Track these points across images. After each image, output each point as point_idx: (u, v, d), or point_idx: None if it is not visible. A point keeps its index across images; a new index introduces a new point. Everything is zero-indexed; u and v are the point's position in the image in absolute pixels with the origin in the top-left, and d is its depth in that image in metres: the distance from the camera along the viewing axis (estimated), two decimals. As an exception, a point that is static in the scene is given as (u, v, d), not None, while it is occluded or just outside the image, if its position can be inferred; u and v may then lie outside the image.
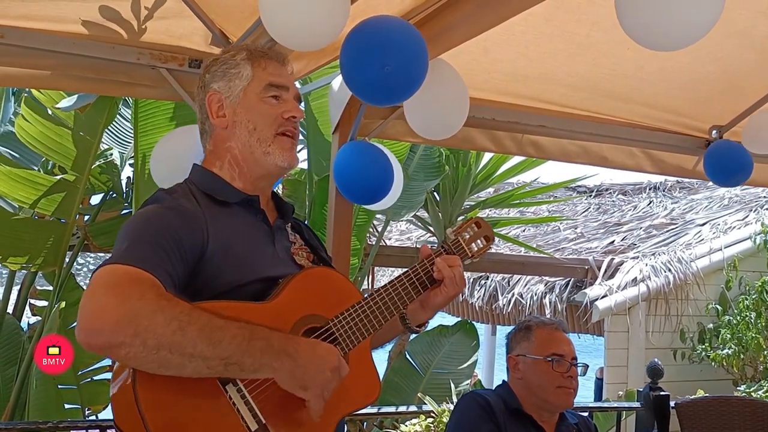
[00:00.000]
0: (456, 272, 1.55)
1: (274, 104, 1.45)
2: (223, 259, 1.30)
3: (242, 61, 1.46)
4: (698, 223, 7.60)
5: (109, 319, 1.05)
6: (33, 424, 3.39)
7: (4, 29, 2.20)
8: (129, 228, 1.26)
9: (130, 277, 1.12)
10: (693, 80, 2.93)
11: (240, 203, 1.42)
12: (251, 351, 1.15)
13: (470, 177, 5.70)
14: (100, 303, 1.07)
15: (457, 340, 5.79)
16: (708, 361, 6.23)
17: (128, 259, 1.15)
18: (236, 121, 1.44)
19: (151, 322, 1.07)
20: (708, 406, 3.75)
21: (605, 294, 6.32)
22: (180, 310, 1.10)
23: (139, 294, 1.09)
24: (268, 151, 1.43)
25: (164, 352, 1.07)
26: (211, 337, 1.11)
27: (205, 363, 1.11)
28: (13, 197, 4.10)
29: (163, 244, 1.21)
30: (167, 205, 1.32)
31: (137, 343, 1.05)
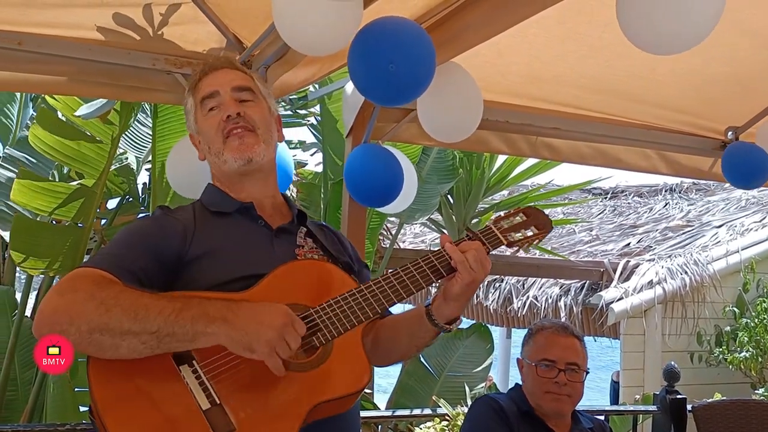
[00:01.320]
0: (469, 256, 1.40)
1: (214, 114, 1.50)
2: (206, 262, 1.35)
3: (187, 95, 1.55)
4: (715, 225, 7.54)
5: (48, 311, 1.17)
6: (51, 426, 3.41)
7: (21, 36, 2.23)
8: (115, 238, 1.38)
9: (76, 275, 1.23)
10: (708, 81, 2.91)
11: (238, 211, 1.48)
12: (181, 321, 1.17)
13: (484, 180, 5.69)
14: (45, 300, 1.19)
15: (472, 343, 5.77)
16: (725, 364, 6.17)
17: (89, 263, 1.28)
18: (203, 149, 1.54)
19: (83, 308, 1.16)
20: (725, 409, 3.72)
21: (621, 297, 6.28)
22: (107, 293, 1.18)
23: (75, 287, 1.20)
24: (224, 159, 1.48)
25: (96, 334, 1.15)
26: (137, 314, 1.16)
27: (138, 339, 1.16)
28: (32, 206, 4.15)
29: (132, 248, 1.32)
30: (149, 217, 1.45)
31: (73, 331, 1.15)
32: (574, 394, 2.11)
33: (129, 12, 2.24)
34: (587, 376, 2.16)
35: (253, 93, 1.53)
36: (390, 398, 5.40)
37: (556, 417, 2.13)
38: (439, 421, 4.05)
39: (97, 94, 3.04)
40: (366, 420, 4.00)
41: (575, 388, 2.10)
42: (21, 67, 2.33)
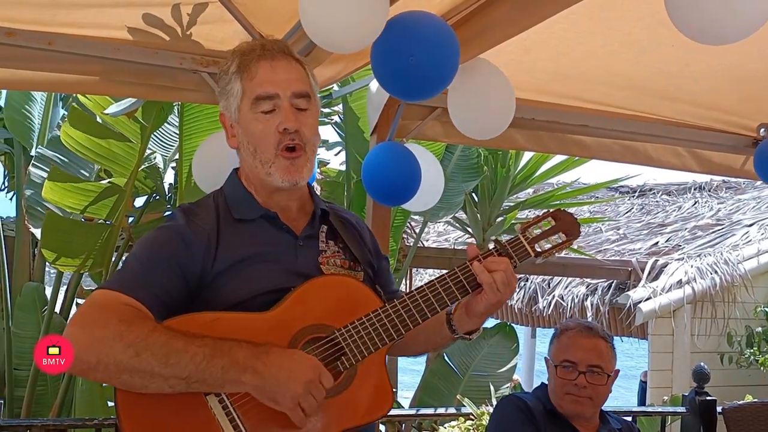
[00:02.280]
0: (497, 277, 1.38)
1: (268, 118, 1.36)
2: (230, 277, 1.32)
3: (233, 75, 1.39)
4: (746, 223, 7.41)
5: (76, 350, 1.15)
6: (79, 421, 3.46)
7: (52, 36, 2.26)
8: (133, 250, 1.32)
9: (103, 304, 1.20)
10: (740, 77, 2.85)
11: (262, 217, 1.41)
12: (211, 369, 1.17)
13: (509, 178, 5.65)
14: (70, 332, 1.17)
15: (496, 342, 5.74)
16: (756, 366, 6.07)
17: (115, 284, 1.23)
18: (240, 141, 1.41)
19: (111, 349, 1.14)
20: (756, 411, 3.65)
21: (649, 296, 6.20)
22: (136, 335, 1.15)
23: (103, 322, 1.16)
24: (269, 172, 1.38)
25: (126, 375, 1.15)
26: (168, 359, 1.15)
27: (167, 382, 1.17)
28: (64, 204, 4.21)
29: (158, 268, 1.27)
30: (174, 228, 1.34)
31: (101, 369, 1.15)
32: (596, 397, 2.08)
33: (157, 12, 2.26)
34: (618, 375, 2.13)
35: (309, 99, 1.41)
36: (414, 396, 5.39)
37: (578, 418, 2.11)
38: (464, 420, 4.03)
39: (125, 93, 3.07)
40: (390, 418, 4.00)
41: (597, 390, 2.07)
42: (52, 67, 2.36)
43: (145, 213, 4.83)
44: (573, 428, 2.10)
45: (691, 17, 1.73)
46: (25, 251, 5.09)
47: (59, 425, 3.19)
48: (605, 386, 2.09)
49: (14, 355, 4.62)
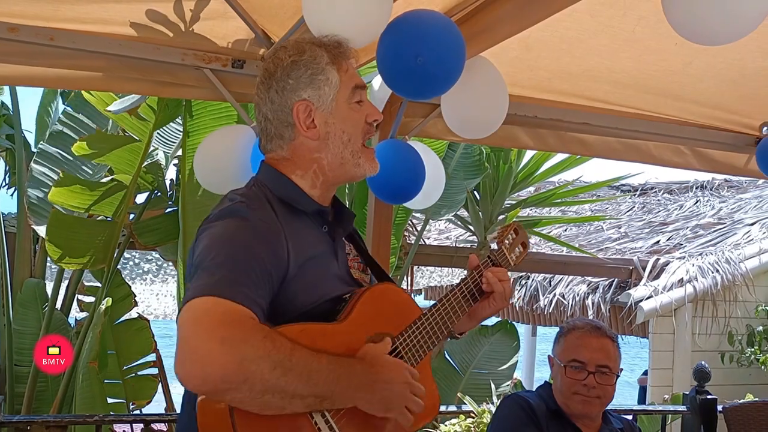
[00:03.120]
0: (506, 287, 1.57)
1: (359, 108, 1.40)
2: (300, 281, 1.27)
3: (327, 66, 1.38)
4: (747, 222, 7.40)
5: (219, 368, 1.04)
6: (80, 418, 3.47)
7: (53, 32, 2.26)
8: (217, 249, 1.20)
9: (230, 315, 1.09)
10: (743, 76, 2.84)
11: (313, 213, 1.39)
12: (340, 388, 1.17)
13: (511, 176, 5.64)
14: (206, 349, 1.05)
15: (497, 340, 5.74)
16: (757, 365, 6.07)
17: (225, 291, 1.12)
18: (329, 132, 1.37)
19: (258, 367, 1.06)
20: (757, 410, 3.65)
21: (650, 295, 6.20)
22: (283, 354, 1.10)
23: (243, 337, 1.07)
24: (358, 162, 1.40)
25: (268, 396, 1.09)
26: (309, 380, 1.13)
27: (303, 402, 1.13)
28: (70, 205, 4.22)
29: (255, 275, 1.18)
30: (251, 222, 1.25)
31: (245, 389, 1.06)
32: (604, 396, 2.07)
33: (160, 7, 2.25)
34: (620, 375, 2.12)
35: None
36: (415, 394, 5.38)
37: (584, 418, 2.11)
38: (465, 418, 4.03)
39: (127, 89, 3.07)
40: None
41: (605, 390, 2.06)
42: (53, 62, 2.36)
43: (146, 209, 4.83)
44: (576, 428, 2.09)
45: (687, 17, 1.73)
46: (26, 247, 5.09)
47: (60, 422, 3.18)
48: (612, 386, 2.09)
49: (15, 352, 4.63)
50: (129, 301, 4.74)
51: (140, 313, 4.97)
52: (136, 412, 4.61)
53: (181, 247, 4.31)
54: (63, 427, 3.17)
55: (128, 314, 4.74)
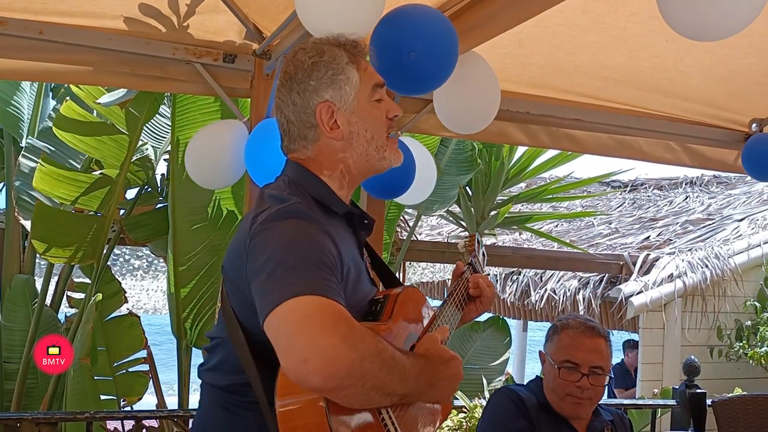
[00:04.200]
0: (492, 292, 1.69)
1: (380, 106, 1.41)
2: (347, 282, 1.28)
3: (347, 66, 1.38)
4: (736, 218, 7.45)
5: (346, 364, 1.06)
6: (70, 415, 3.45)
7: (42, 25, 2.24)
8: (294, 249, 1.18)
9: (342, 314, 1.11)
10: (733, 72, 2.86)
11: (344, 215, 1.40)
12: (419, 386, 1.21)
13: (503, 172, 5.65)
14: (333, 345, 1.06)
15: (489, 335, 5.76)
16: (746, 359, 6.11)
17: (320, 290, 1.12)
18: (352, 131, 1.38)
19: (372, 365, 1.09)
20: (745, 404, 3.68)
21: (640, 290, 6.22)
22: (389, 353, 1.14)
23: (361, 335, 1.10)
24: (384, 156, 1.41)
25: (373, 393, 1.11)
26: (403, 378, 1.16)
27: (392, 399, 1.17)
28: (55, 195, 4.18)
29: (335, 272, 1.19)
30: (315, 223, 1.25)
31: (359, 385, 1.08)
32: (595, 397, 2.07)
33: (153, 2, 2.24)
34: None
35: None
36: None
37: (576, 418, 2.11)
38: (457, 413, 4.04)
39: (117, 83, 3.05)
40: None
41: (597, 391, 2.06)
42: (42, 56, 2.34)
43: (136, 205, 4.81)
44: (566, 422, 2.10)
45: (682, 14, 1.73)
46: (14, 243, 5.04)
47: (50, 419, 3.17)
48: (603, 386, 2.09)
49: (4, 348, 4.59)
50: (119, 298, 4.71)
51: (130, 309, 4.95)
52: (127, 408, 4.59)
53: (171, 242, 4.29)
54: (53, 425, 3.15)
55: (118, 311, 4.72)
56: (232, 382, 1.28)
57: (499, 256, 6.43)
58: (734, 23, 1.72)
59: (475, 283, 1.66)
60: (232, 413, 1.28)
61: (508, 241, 8.50)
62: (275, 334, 1.09)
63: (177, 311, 4.35)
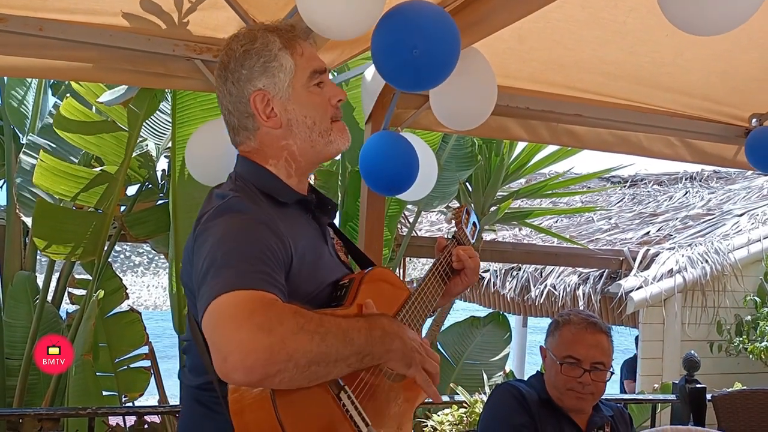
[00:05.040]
0: (476, 262, 1.64)
1: (320, 92, 1.39)
2: (300, 270, 1.26)
3: (279, 52, 1.36)
4: (736, 213, 7.45)
5: (263, 352, 1.03)
6: (72, 410, 3.46)
7: (42, 22, 2.24)
8: (226, 245, 1.18)
9: (259, 302, 1.09)
10: (733, 67, 2.86)
11: (296, 203, 1.38)
12: (374, 341, 1.17)
13: (503, 167, 5.66)
14: (246, 338, 1.04)
15: (489, 331, 5.78)
16: (746, 354, 6.12)
17: (246, 283, 1.11)
18: (290, 119, 1.36)
19: (298, 343, 1.06)
20: (745, 399, 3.69)
21: (640, 285, 6.23)
22: (315, 323, 1.10)
23: (277, 318, 1.07)
24: (330, 140, 1.39)
25: (314, 366, 1.09)
26: (346, 338, 1.12)
27: (346, 362, 1.13)
28: (55, 191, 4.19)
29: (269, 261, 1.17)
30: (253, 215, 1.24)
31: (291, 367, 1.06)
32: (597, 392, 2.08)
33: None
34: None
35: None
36: (407, 385, 5.41)
37: (578, 412, 2.12)
38: (457, 408, 4.06)
39: (118, 80, 3.05)
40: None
41: (598, 387, 2.07)
42: (42, 53, 2.34)
43: (137, 201, 4.81)
44: (567, 417, 2.11)
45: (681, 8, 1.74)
46: (16, 240, 5.05)
47: (52, 414, 3.18)
48: (605, 382, 2.10)
49: (6, 345, 4.61)
50: (120, 294, 4.73)
51: (131, 305, 4.97)
52: (128, 404, 4.61)
53: (173, 239, 4.30)
54: (55, 420, 3.16)
55: (119, 307, 4.73)
56: (204, 381, 1.28)
57: (499, 251, 6.45)
58: (733, 18, 1.72)
59: (457, 255, 1.63)
60: (211, 410, 1.28)
61: (508, 236, 8.51)
62: (207, 338, 1.09)
63: (178, 307, 4.36)
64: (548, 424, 2.09)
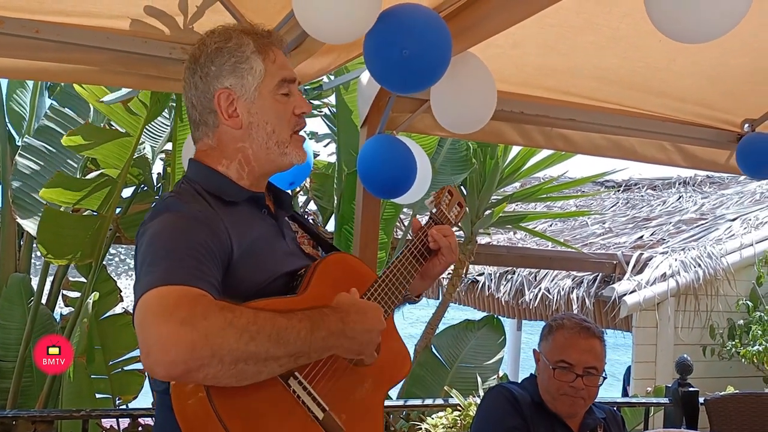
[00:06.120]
0: (451, 241, 1.62)
1: (286, 101, 1.40)
2: (246, 262, 1.27)
3: (252, 55, 1.37)
4: (729, 218, 7.49)
5: (184, 347, 1.02)
6: (66, 412, 3.46)
7: (38, 24, 2.24)
8: (157, 243, 1.19)
9: (184, 297, 1.08)
10: (725, 73, 2.88)
11: (247, 200, 1.39)
12: (315, 341, 1.16)
13: (498, 171, 5.67)
14: (167, 332, 1.03)
15: (484, 334, 5.79)
16: (738, 358, 6.14)
17: (172, 278, 1.10)
18: (252, 122, 1.37)
19: (224, 339, 1.05)
20: (738, 402, 3.71)
21: (634, 289, 6.26)
22: (246, 319, 1.09)
23: (202, 313, 1.06)
24: (285, 152, 1.39)
25: (241, 364, 1.07)
26: (279, 339, 1.11)
27: (278, 362, 1.12)
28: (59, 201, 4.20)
29: (199, 256, 1.17)
30: (186, 213, 1.25)
31: (215, 363, 1.04)
32: (589, 397, 2.09)
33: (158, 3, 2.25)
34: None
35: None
36: (401, 388, 5.42)
37: (570, 417, 2.13)
38: (451, 411, 4.06)
39: (114, 82, 3.05)
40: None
41: (591, 391, 2.08)
42: (39, 55, 2.34)
43: (133, 204, 4.81)
44: (559, 419, 2.12)
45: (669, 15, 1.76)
46: (10, 242, 5.04)
47: (45, 417, 3.18)
48: (597, 387, 2.11)
49: (0, 347, 4.60)
50: (115, 297, 4.72)
51: (126, 308, 4.96)
52: (122, 407, 4.60)
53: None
54: (49, 422, 3.16)
55: (114, 309, 4.73)
56: (168, 386, 1.27)
57: (493, 255, 6.46)
58: (720, 26, 1.74)
59: (432, 235, 1.62)
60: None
61: (503, 240, 8.53)
62: (137, 334, 1.08)
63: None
64: (541, 426, 2.10)
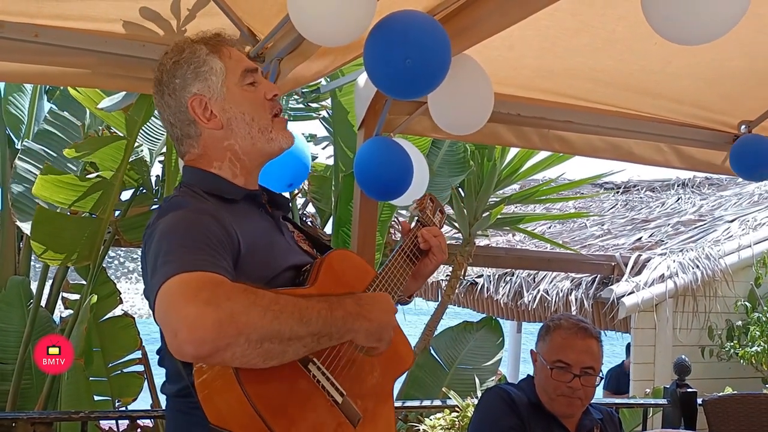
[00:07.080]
0: (441, 241, 1.68)
1: (254, 90, 1.43)
2: (253, 257, 1.29)
3: (208, 57, 1.41)
4: (727, 219, 7.49)
5: (211, 326, 1.03)
6: (65, 414, 3.47)
7: (37, 28, 2.25)
8: (170, 237, 1.20)
9: (206, 281, 1.10)
10: (722, 75, 2.90)
11: (244, 199, 1.41)
12: (335, 321, 1.18)
13: (495, 173, 5.68)
14: (195, 312, 1.05)
15: (482, 336, 5.79)
16: (736, 359, 6.15)
17: (191, 266, 1.12)
18: (230, 118, 1.40)
19: (249, 317, 1.06)
20: (736, 403, 3.71)
21: (632, 291, 6.26)
22: (269, 299, 1.11)
23: (225, 294, 1.07)
24: (271, 137, 1.43)
25: (267, 344, 1.08)
26: (302, 318, 1.12)
27: (301, 342, 1.13)
28: (53, 200, 4.20)
29: (213, 246, 1.19)
30: (194, 208, 1.28)
31: (242, 341, 1.05)
32: (586, 398, 2.10)
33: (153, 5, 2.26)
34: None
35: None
36: (400, 390, 5.43)
37: (567, 417, 2.14)
38: (449, 412, 4.07)
39: (113, 86, 3.06)
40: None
41: (588, 392, 2.09)
42: (37, 59, 2.35)
43: (131, 206, 4.82)
44: (556, 420, 2.13)
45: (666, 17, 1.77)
46: (10, 245, 5.05)
47: (45, 419, 3.19)
48: (594, 387, 2.12)
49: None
50: (114, 299, 4.72)
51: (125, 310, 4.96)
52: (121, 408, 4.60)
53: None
54: (48, 424, 3.17)
55: (113, 311, 4.73)
56: (181, 387, 1.30)
57: (492, 257, 6.47)
58: (717, 28, 1.76)
59: (422, 236, 1.68)
60: (189, 415, 1.28)
61: (501, 242, 8.54)
62: (158, 322, 1.11)
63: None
64: (538, 427, 2.11)
